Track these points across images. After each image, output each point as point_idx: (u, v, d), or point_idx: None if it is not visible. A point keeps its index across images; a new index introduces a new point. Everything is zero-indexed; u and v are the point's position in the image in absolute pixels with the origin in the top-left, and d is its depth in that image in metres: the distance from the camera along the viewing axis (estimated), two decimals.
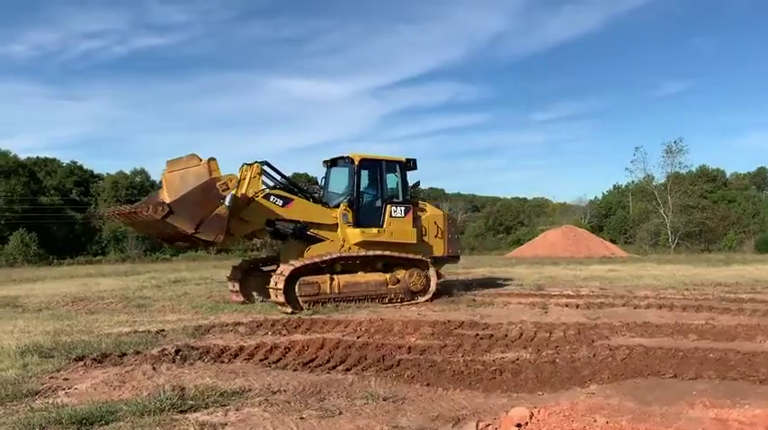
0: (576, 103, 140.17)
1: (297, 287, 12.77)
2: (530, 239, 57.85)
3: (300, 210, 13.62)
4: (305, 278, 12.91)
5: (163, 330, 10.36)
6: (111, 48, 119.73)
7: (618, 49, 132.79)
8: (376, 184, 14.74)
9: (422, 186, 14.88)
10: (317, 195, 14.60)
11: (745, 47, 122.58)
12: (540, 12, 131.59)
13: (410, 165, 15.24)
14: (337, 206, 14.11)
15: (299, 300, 12.75)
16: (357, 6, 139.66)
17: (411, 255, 14.42)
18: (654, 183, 63.26)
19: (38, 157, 66.10)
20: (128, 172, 67.92)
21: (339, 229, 14.00)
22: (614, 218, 72.14)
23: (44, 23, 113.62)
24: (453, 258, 16.29)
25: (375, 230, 14.18)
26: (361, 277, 13.72)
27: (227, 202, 12.07)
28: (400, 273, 14.18)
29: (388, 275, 14.03)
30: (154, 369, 7.27)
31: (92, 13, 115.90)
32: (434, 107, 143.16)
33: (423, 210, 15.63)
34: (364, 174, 14.69)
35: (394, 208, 14.56)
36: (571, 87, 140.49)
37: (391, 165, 14.99)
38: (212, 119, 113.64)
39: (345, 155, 14.63)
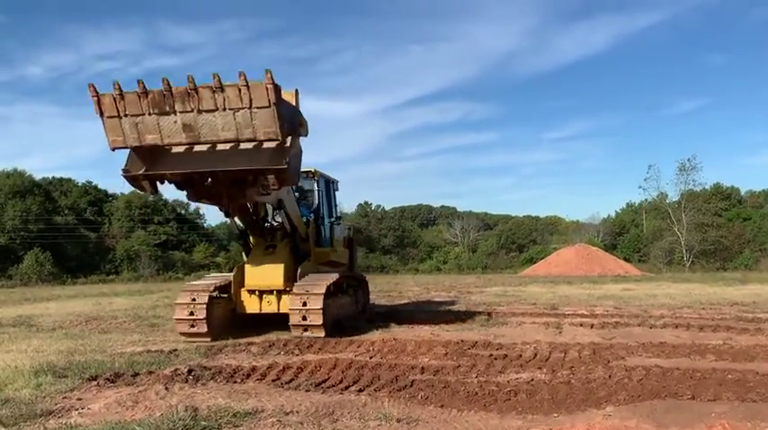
0: (588, 122, 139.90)
1: (325, 308, 11.39)
2: (543, 258, 57.57)
3: (296, 214, 12.88)
4: (327, 301, 11.59)
5: (175, 350, 10.36)
6: (126, 68, 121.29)
7: (631, 66, 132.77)
8: (329, 202, 14.52)
9: (435, 204, 14.74)
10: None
11: (759, 63, 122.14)
12: (551, 30, 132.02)
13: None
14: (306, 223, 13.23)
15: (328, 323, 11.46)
16: (370, 27, 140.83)
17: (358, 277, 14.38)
18: (667, 201, 62.92)
19: (53, 177, 66.98)
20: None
21: (310, 246, 13.22)
22: (628, 236, 71.64)
23: (60, 46, 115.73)
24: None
25: (328, 250, 13.87)
26: (340, 298, 13.25)
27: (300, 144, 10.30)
28: (358, 295, 14.08)
29: (351, 297, 13.89)
30: (167, 389, 7.26)
31: (107, 35, 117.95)
32: (446, 126, 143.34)
33: None
34: (323, 191, 14.35)
35: (338, 227, 14.43)
36: (583, 105, 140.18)
37: (335, 183, 14.91)
38: None
39: (310, 169, 13.92)
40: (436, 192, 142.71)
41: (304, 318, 11.26)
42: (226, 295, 12.37)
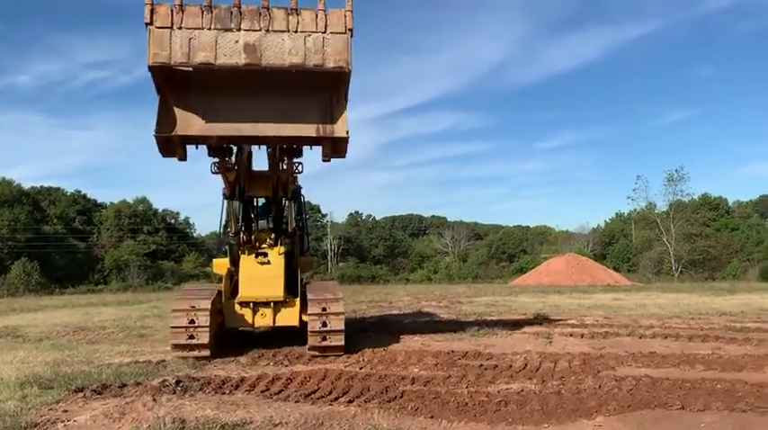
0: (578, 132, 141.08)
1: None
2: (533, 268, 57.71)
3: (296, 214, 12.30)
4: None
5: (164, 361, 10.26)
6: (116, 77, 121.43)
7: (620, 78, 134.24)
8: (300, 211, 13.64)
9: (426, 214, 14.07)
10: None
11: (746, 75, 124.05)
12: (541, 41, 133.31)
13: None
14: None
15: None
16: (360, 38, 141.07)
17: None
18: (656, 212, 63.36)
19: (41, 186, 66.73)
20: (130, 200, 68.19)
21: (296, 254, 12.58)
22: (617, 246, 72.04)
23: (49, 54, 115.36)
24: None
25: (311, 259, 13.75)
26: None
27: None
28: None
29: None
30: (154, 400, 7.19)
31: (97, 44, 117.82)
32: (436, 136, 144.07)
33: None
34: (300, 195, 13.56)
35: (304, 237, 13.59)
36: (574, 116, 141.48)
37: (301, 188, 13.71)
38: None
39: None
40: (427, 201, 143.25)
41: (324, 325, 10.59)
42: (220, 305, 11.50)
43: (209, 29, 8.60)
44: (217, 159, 10.24)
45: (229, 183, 11.26)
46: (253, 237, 11.94)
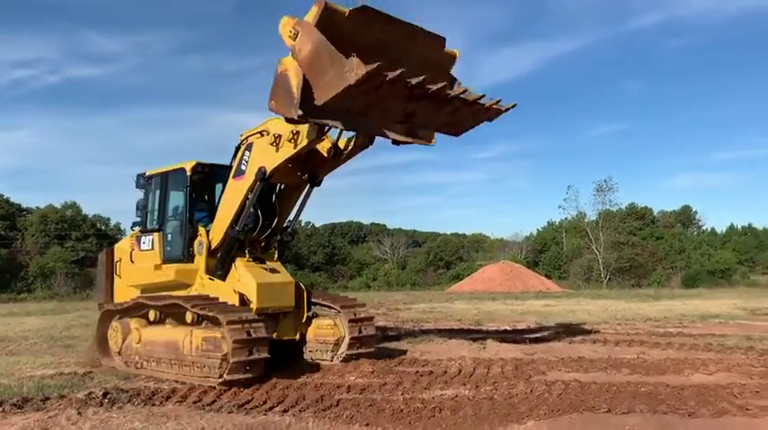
0: (513, 143, 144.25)
1: None
2: (469, 274, 58.55)
3: None
4: None
5: (90, 372, 9.94)
6: (42, 77, 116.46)
7: (553, 91, 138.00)
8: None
9: (365, 221, 12.02)
10: None
11: (672, 91, 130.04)
12: (477, 53, 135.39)
13: None
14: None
15: None
16: None
17: None
18: (586, 220, 65.40)
19: None
20: (58, 205, 65.41)
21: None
22: (549, 253, 73.95)
23: None
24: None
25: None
26: None
27: None
28: None
29: None
30: (79, 414, 6.93)
31: (22, 41, 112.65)
32: (376, 144, 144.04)
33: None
34: None
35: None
36: (508, 128, 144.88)
37: None
38: (150, 152, 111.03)
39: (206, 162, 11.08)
40: (367, 209, 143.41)
41: (360, 332, 10.53)
42: None
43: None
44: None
45: (289, 157, 9.47)
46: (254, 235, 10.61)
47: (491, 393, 8.11)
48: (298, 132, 9.09)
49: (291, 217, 11.21)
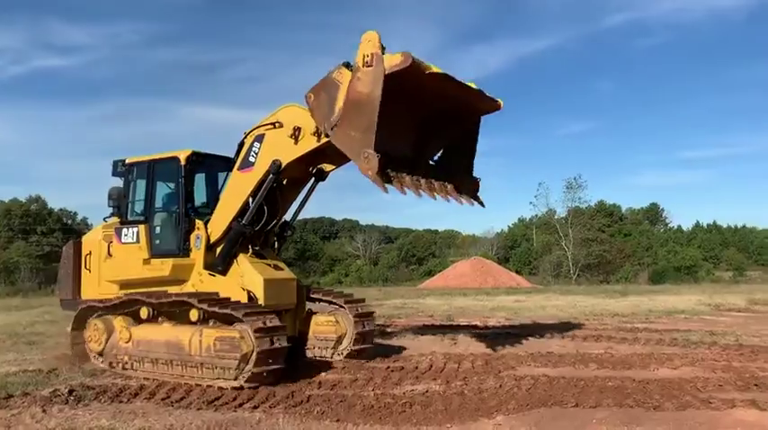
0: (485, 140, 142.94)
1: None
2: (441, 271, 58.84)
3: None
4: None
5: (55, 369, 9.70)
6: (5, 67, 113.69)
7: (524, 89, 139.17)
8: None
9: (337, 217, 11.06)
10: None
11: (640, 90, 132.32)
12: (449, 51, 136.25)
13: None
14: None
15: None
16: (278, 37, 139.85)
17: None
18: (556, 217, 66.15)
19: None
20: (22, 199, 64.00)
21: None
22: (519, 250, 74.72)
23: None
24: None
25: None
26: None
27: None
28: None
29: None
30: (44, 411, 6.80)
31: None
32: None
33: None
34: None
35: None
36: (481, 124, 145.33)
37: None
38: (117, 145, 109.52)
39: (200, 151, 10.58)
40: (339, 205, 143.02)
41: (364, 326, 10.54)
42: None
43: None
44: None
45: (309, 151, 9.26)
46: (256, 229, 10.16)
47: (461, 388, 8.17)
48: None
49: (293, 211, 10.90)
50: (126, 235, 10.45)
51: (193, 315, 8.98)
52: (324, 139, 8.81)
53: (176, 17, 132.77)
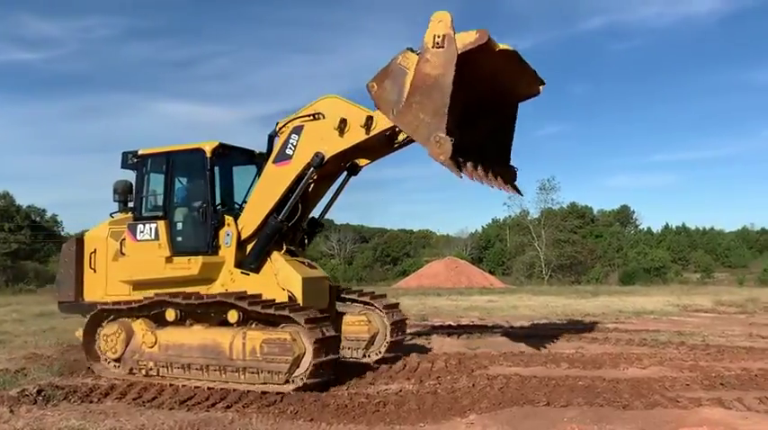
0: None
1: None
2: (415, 270, 58.97)
3: None
4: None
5: (24, 369, 9.55)
6: None
7: None
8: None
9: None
10: None
11: (614, 94, 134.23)
12: None
13: None
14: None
15: None
16: (251, 33, 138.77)
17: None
18: (529, 218, 66.75)
19: None
20: None
21: None
22: (493, 250, 75.29)
23: None
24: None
25: None
26: None
27: None
28: None
29: None
30: (12, 412, 6.69)
31: None
32: None
33: None
34: None
35: None
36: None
37: None
38: (88, 141, 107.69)
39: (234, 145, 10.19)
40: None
41: (397, 334, 10.36)
42: None
43: None
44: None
45: (357, 143, 8.97)
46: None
47: (435, 387, 8.23)
48: (371, 118, 8.61)
49: (321, 207, 10.53)
50: (142, 231, 9.62)
51: (232, 316, 8.47)
52: (374, 131, 8.65)
53: (148, 12, 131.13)
